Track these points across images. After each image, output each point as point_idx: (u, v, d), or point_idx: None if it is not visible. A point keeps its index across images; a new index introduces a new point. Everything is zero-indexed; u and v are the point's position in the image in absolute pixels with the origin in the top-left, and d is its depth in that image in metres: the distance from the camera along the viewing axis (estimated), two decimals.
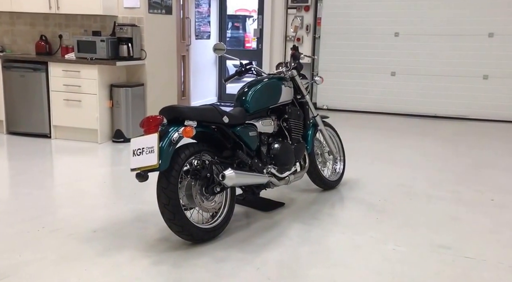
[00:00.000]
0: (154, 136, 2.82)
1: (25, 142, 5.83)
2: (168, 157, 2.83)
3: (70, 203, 3.80)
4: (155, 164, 2.77)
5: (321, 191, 4.22)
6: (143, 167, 2.81)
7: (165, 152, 2.81)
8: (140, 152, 2.85)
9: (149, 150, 2.82)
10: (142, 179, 2.82)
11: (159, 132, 2.84)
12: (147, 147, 2.83)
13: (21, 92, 5.99)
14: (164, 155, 2.81)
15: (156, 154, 2.78)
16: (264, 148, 3.49)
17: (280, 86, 3.65)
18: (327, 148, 4.29)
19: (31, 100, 5.96)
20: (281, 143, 3.55)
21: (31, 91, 5.94)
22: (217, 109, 3.14)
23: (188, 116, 2.94)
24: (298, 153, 3.72)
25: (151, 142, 2.82)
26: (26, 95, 5.98)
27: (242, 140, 3.26)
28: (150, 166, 2.79)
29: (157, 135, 2.80)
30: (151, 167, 2.79)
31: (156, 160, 2.77)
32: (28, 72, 5.90)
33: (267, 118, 3.55)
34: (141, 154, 2.85)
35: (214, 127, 3.16)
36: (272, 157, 3.51)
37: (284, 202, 3.86)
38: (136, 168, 2.85)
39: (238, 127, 3.26)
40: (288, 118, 3.67)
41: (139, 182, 2.85)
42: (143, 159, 2.82)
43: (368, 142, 6.30)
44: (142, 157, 2.83)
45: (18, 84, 5.98)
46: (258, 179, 3.32)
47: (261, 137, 3.46)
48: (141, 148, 2.86)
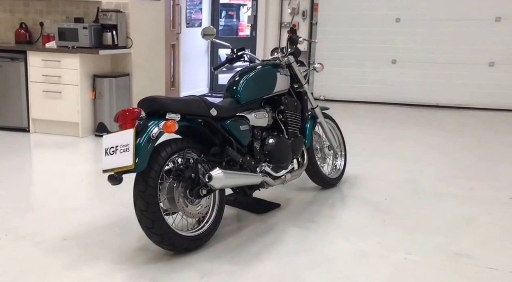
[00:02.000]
0: (129, 133, 2.43)
1: (1, 136, 5.43)
2: (146, 156, 2.45)
3: (41, 205, 3.41)
4: (131, 165, 2.39)
5: (320, 190, 3.85)
6: (117, 168, 2.43)
7: (142, 150, 2.43)
8: (114, 150, 2.47)
9: (123, 148, 2.43)
10: (115, 182, 2.43)
11: (135, 127, 2.46)
12: (121, 145, 2.44)
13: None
14: (142, 154, 2.43)
15: (132, 152, 2.40)
16: (257, 143, 3.11)
17: (275, 74, 3.27)
18: (327, 142, 3.92)
19: (9, 92, 5.56)
20: (277, 138, 3.18)
21: (9, 83, 5.53)
22: (203, 101, 2.76)
23: (170, 109, 2.56)
24: (295, 148, 3.34)
25: (126, 138, 2.43)
26: (3, 86, 5.57)
27: (232, 135, 2.88)
28: (124, 167, 2.41)
29: (133, 131, 2.42)
30: (126, 168, 2.41)
31: (132, 160, 2.39)
32: (5, 62, 5.49)
33: (261, 110, 3.17)
34: (114, 153, 2.46)
35: (200, 121, 2.78)
36: (266, 154, 3.13)
37: (279, 203, 3.49)
38: (108, 169, 2.47)
39: (228, 121, 2.88)
40: (284, 110, 3.29)
41: (111, 185, 2.46)
42: (117, 159, 2.44)
43: (368, 134, 5.93)
44: (116, 157, 2.45)
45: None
46: (251, 179, 2.95)
47: (254, 132, 3.08)
48: (114, 146, 2.47)
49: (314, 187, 3.89)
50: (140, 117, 2.51)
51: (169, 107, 2.56)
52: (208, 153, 2.83)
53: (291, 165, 3.28)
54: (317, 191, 3.82)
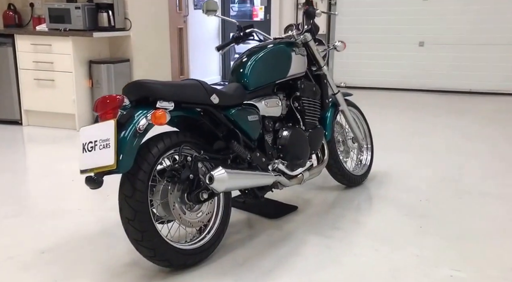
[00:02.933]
0: (109, 125, 2.04)
1: None
2: (131, 153, 2.06)
3: (23, 210, 3.06)
4: (112, 164, 2.00)
5: (343, 189, 3.44)
6: (96, 168, 2.05)
7: (127, 146, 2.04)
8: (92, 146, 2.08)
9: (103, 144, 2.04)
10: (94, 185, 2.05)
11: (118, 118, 2.07)
12: (101, 140, 2.06)
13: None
14: (126, 151, 2.04)
15: (113, 149, 2.01)
16: (268, 136, 2.70)
17: (290, 54, 2.85)
18: (350, 133, 3.49)
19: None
20: (292, 130, 2.76)
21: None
22: (202, 86, 2.36)
23: (161, 96, 2.17)
24: (314, 142, 2.93)
25: (106, 132, 2.04)
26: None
27: (238, 127, 2.48)
28: (105, 167, 2.02)
29: (114, 123, 2.03)
30: (106, 168, 2.02)
31: (113, 158, 2.00)
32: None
33: (273, 97, 2.76)
34: (93, 149, 2.08)
35: (199, 111, 2.38)
36: (279, 149, 2.72)
37: (296, 206, 3.09)
38: (87, 170, 2.08)
39: (233, 110, 2.48)
40: (300, 96, 2.87)
41: (90, 189, 2.07)
42: (96, 157, 2.06)
43: (395, 123, 5.48)
44: (95, 154, 2.06)
45: None
46: (261, 180, 2.54)
47: (265, 123, 2.67)
48: (93, 141, 2.08)
49: (336, 186, 3.47)
50: (124, 106, 2.12)
51: (160, 93, 2.17)
52: (210, 149, 2.43)
53: (309, 162, 2.86)
54: (340, 191, 3.41)
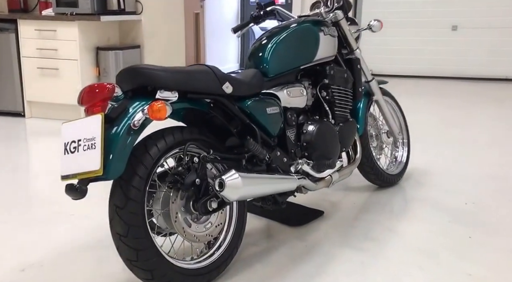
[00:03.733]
0: (95, 120, 1.66)
1: None
2: (123, 155, 1.67)
3: (9, 216, 2.70)
4: (97, 169, 1.62)
5: (375, 189, 3.02)
6: (80, 174, 1.66)
7: (117, 146, 1.66)
8: (75, 147, 1.70)
9: (88, 144, 1.66)
10: (76, 195, 1.67)
11: (108, 111, 1.69)
12: (85, 139, 1.67)
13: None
14: (116, 152, 1.66)
15: (99, 150, 1.62)
16: (291, 132, 2.29)
17: (318, 34, 2.43)
18: (385, 126, 3.06)
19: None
20: (319, 124, 2.35)
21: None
22: (213, 72, 1.96)
23: (162, 84, 1.78)
24: (345, 137, 2.51)
25: (92, 129, 1.66)
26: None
27: (255, 121, 2.08)
28: (89, 172, 1.64)
29: (101, 118, 1.64)
30: (91, 174, 1.63)
31: (99, 162, 1.62)
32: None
33: (297, 85, 2.35)
34: (76, 150, 1.69)
35: (209, 102, 1.98)
36: (304, 147, 2.31)
37: (322, 210, 2.68)
38: (69, 175, 1.70)
39: (249, 101, 2.08)
40: (329, 84, 2.45)
41: (72, 199, 1.69)
42: (80, 160, 1.67)
43: (428, 114, 5.01)
44: (78, 156, 1.68)
45: None
46: (282, 185, 2.14)
47: (287, 116, 2.26)
48: (76, 140, 1.70)
49: (367, 186, 3.05)
50: (116, 97, 1.73)
51: (161, 81, 1.78)
52: (221, 148, 2.04)
53: (339, 161, 2.44)
54: (372, 192, 2.99)
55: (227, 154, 2.02)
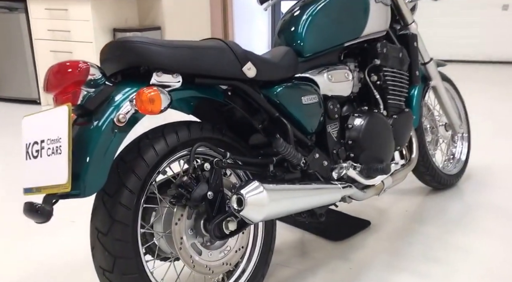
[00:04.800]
0: (61, 113, 1.18)
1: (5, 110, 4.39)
2: (102, 163, 1.20)
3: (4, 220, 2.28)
4: (64, 183, 1.14)
5: (429, 192, 2.50)
6: (45, 188, 1.19)
7: (95, 150, 1.19)
8: (38, 150, 1.22)
9: (53, 147, 1.18)
10: (37, 218, 1.19)
11: (82, 101, 1.22)
12: (49, 140, 1.19)
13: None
14: (93, 159, 1.18)
15: (66, 156, 1.14)
16: (333, 127, 1.77)
17: (367, 2, 1.88)
18: (442, 117, 2.50)
19: (11, 53, 4.49)
20: (369, 116, 1.82)
21: (9, 41, 4.44)
22: (231, 50, 1.45)
23: (159, 64, 1.30)
24: (400, 133, 1.97)
25: (57, 126, 1.18)
26: (3, 46, 4.49)
27: (287, 114, 1.58)
28: (55, 187, 1.16)
29: (68, 111, 1.15)
30: (58, 189, 1.16)
31: (66, 173, 1.14)
32: (2, 14, 4.38)
33: (340, 67, 1.82)
34: (39, 154, 1.21)
35: (226, 89, 1.48)
36: (350, 146, 1.79)
37: (368, 220, 2.16)
38: (31, 189, 1.22)
39: (279, 88, 1.58)
40: (381, 66, 1.91)
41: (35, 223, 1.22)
42: (43, 168, 1.19)
43: (483, 102, 4.39)
44: (42, 163, 1.20)
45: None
46: (322, 197, 1.62)
47: (328, 107, 1.74)
48: (39, 141, 1.22)
49: (419, 188, 2.53)
50: (94, 81, 1.24)
51: (158, 60, 1.29)
52: (242, 149, 1.54)
53: (393, 164, 1.90)
54: (426, 195, 2.46)
55: (249, 158, 1.52)
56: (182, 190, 1.33)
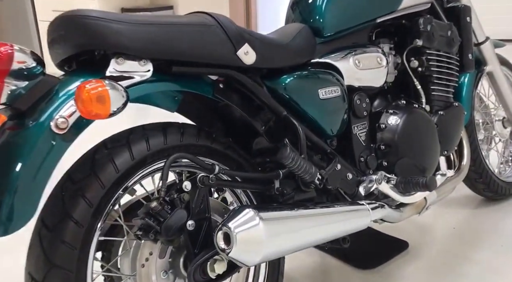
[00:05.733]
0: None
1: None
2: (33, 186, 0.88)
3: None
4: None
5: (480, 203, 2.12)
6: None
7: (22, 170, 0.87)
8: None
9: None
10: None
11: (3, 99, 0.90)
12: None
13: (1, 25, 4.29)
14: (18, 182, 0.86)
15: None
16: (360, 128, 1.40)
17: None
18: (499, 110, 2.10)
19: (17, 36, 4.24)
20: (407, 113, 1.44)
21: (14, 22, 4.20)
22: (221, 26, 1.11)
23: (119, 46, 0.97)
24: (448, 135, 1.59)
25: None
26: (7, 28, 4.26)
27: (299, 111, 1.23)
28: None
29: None
30: None
31: None
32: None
33: (371, 49, 1.44)
34: None
35: (216, 80, 1.13)
36: (383, 152, 1.41)
37: (406, 241, 1.79)
38: None
39: (288, 77, 1.23)
40: (424, 48, 1.53)
41: None
42: None
43: None
44: None
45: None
46: (345, 225, 1.25)
47: (354, 101, 1.37)
48: None
49: (469, 197, 2.13)
50: (23, 71, 0.92)
51: (118, 41, 0.97)
52: (239, 160, 1.19)
53: (439, 175, 1.52)
54: (477, 207, 2.08)
55: (247, 172, 1.18)
56: (151, 220, 1.00)
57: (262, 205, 1.08)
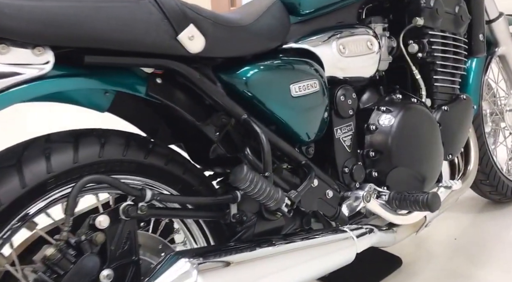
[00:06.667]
0: None
1: None
2: None
3: None
4: None
5: (487, 206, 1.86)
6: None
7: None
8: None
9: None
10: None
11: None
12: None
13: None
14: None
15: None
16: (344, 130, 1.12)
17: None
18: (510, 99, 1.83)
19: None
20: (403, 110, 1.17)
21: None
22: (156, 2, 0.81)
23: (3, 28, 0.67)
24: (453, 135, 1.33)
25: None
26: None
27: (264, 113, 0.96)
28: None
29: None
30: None
31: None
32: None
33: (359, 31, 1.16)
34: None
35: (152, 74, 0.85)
36: (372, 160, 1.14)
37: (399, 257, 1.53)
38: None
39: (250, 70, 0.95)
40: (425, 29, 1.25)
41: None
42: None
43: None
44: None
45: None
46: (322, 264, 0.98)
47: (337, 97, 1.09)
48: None
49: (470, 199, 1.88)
50: None
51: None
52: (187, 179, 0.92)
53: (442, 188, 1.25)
54: (482, 212, 1.84)
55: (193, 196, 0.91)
56: (46, 273, 0.73)
57: (205, 249, 0.81)
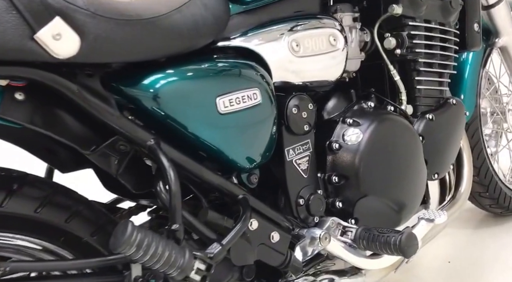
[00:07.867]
0: None
1: None
2: None
3: None
4: None
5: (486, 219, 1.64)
6: None
7: None
8: None
9: None
10: None
11: None
12: None
13: None
14: None
15: None
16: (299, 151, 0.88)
17: None
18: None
19: None
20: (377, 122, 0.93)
21: None
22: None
23: None
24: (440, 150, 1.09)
25: None
26: None
27: (185, 136, 0.72)
28: None
29: None
30: None
31: None
32: None
33: (319, 23, 0.92)
34: None
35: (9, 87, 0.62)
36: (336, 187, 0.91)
37: None
38: None
39: (162, 78, 0.72)
40: (404, 18, 1.00)
41: None
42: None
43: None
44: None
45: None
46: None
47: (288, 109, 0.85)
48: None
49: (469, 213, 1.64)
50: None
51: None
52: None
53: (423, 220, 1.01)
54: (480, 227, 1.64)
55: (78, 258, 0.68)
56: None
57: None
